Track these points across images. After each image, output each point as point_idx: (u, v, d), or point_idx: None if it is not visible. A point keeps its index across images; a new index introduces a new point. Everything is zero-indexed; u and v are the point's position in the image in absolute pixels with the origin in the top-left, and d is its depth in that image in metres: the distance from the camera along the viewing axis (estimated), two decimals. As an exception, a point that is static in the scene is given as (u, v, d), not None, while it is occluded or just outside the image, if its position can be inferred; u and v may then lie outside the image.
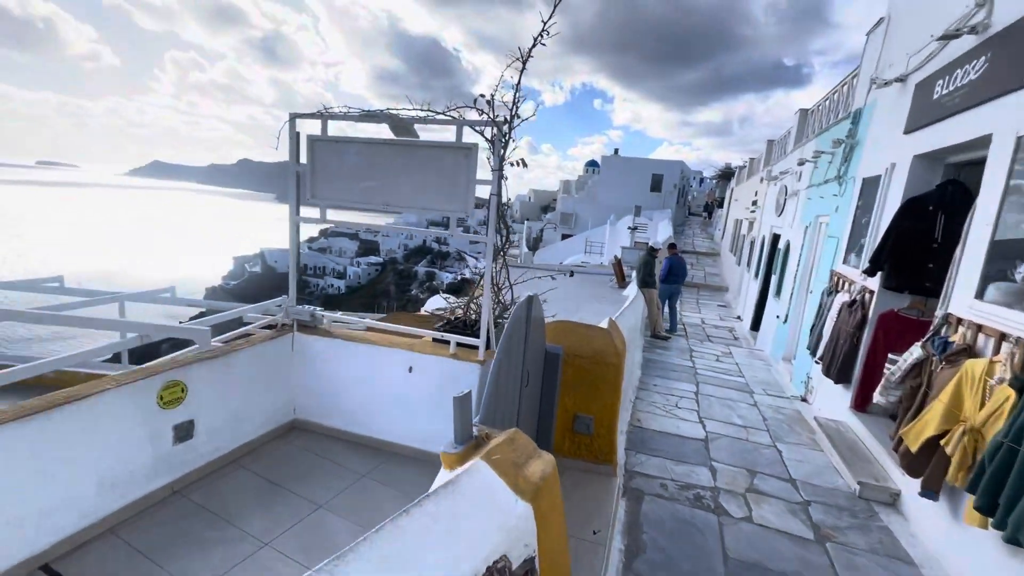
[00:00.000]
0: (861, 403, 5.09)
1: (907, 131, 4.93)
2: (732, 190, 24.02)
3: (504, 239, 3.56)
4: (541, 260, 28.25)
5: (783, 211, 10.05)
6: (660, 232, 21.46)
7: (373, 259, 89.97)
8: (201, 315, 3.83)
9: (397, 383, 3.61)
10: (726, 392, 6.70)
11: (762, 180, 13.32)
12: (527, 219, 52.61)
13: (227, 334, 3.76)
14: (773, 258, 10.78)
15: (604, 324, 3.79)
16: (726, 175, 34.66)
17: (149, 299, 9.70)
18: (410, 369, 3.54)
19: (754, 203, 14.14)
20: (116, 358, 3.49)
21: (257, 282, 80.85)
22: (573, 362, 3.51)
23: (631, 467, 4.26)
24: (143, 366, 3.04)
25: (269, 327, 3.91)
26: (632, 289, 9.52)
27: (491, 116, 3.21)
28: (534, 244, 35.13)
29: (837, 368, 5.34)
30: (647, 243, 12.03)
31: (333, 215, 3.75)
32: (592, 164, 55.01)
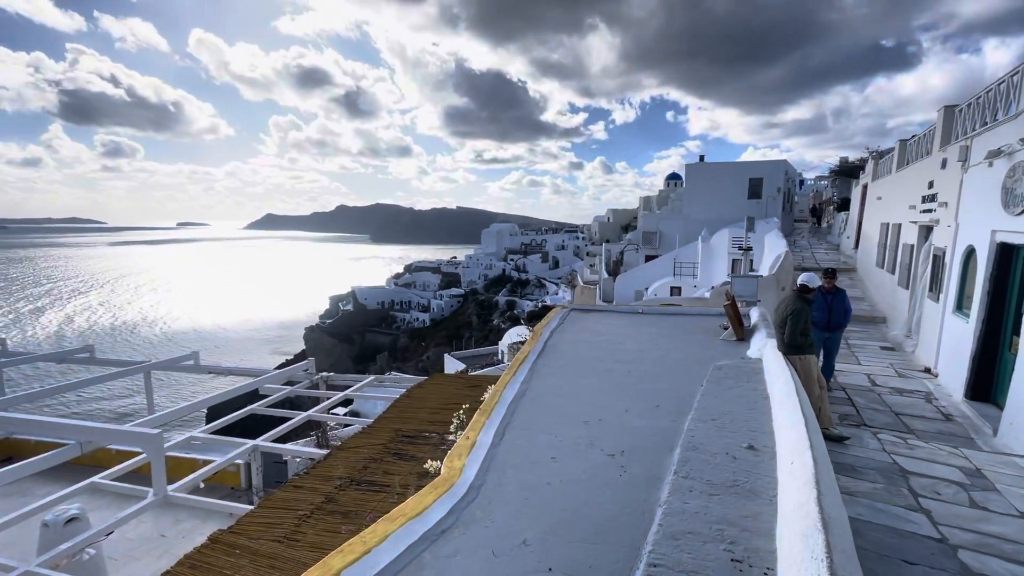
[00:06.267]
0: None
1: None
2: (864, 187, 18.94)
3: None
4: (622, 288, 24.43)
5: (1028, 205, 5.93)
6: (769, 248, 16.96)
7: (455, 291, 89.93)
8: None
9: None
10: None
11: (944, 165, 9.00)
12: (606, 240, 48.71)
13: None
14: (1006, 282, 6.58)
15: None
16: (845, 171, 28.80)
17: (171, 367, 7.96)
18: None
19: (930, 199, 9.74)
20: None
21: (349, 319, 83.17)
22: None
23: None
24: None
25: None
26: (763, 347, 5.76)
27: None
28: (614, 268, 31.28)
29: None
30: (795, 283, 8.20)
31: None
32: (674, 177, 50.10)
